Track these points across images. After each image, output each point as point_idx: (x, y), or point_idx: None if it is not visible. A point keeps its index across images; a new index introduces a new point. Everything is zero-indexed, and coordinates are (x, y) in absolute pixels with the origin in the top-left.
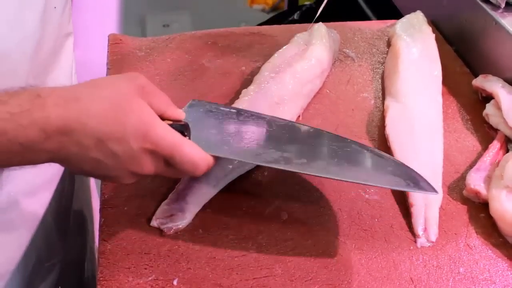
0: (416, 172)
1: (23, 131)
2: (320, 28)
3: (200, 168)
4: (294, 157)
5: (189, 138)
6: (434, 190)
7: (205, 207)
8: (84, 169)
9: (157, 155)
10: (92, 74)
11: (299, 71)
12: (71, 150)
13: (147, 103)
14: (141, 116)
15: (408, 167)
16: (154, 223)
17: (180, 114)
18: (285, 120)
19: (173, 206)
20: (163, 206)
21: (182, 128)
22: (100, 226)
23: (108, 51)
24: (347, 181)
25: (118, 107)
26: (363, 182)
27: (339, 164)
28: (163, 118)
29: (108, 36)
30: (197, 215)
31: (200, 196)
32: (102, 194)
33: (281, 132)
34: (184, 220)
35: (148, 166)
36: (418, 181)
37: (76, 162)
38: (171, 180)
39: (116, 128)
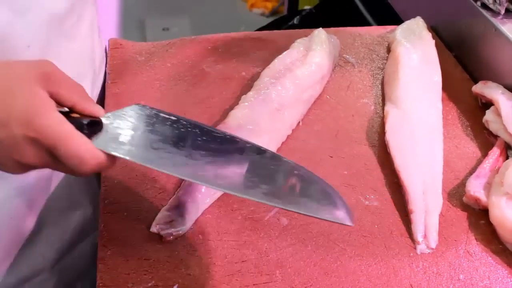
0: (339, 201)
1: None
2: (320, 33)
3: (87, 164)
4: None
5: (92, 135)
6: (351, 222)
7: (205, 213)
8: None
9: (40, 145)
10: None
11: (299, 76)
12: None
13: (50, 92)
14: (29, 102)
15: (333, 194)
16: (154, 229)
17: (94, 109)
18: (218, 131)
19: (173, 212)
20: (163, 212)
21: (90, 124)
22: (100, 231)
23: (108, 56)
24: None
25: (7, 90)
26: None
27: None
28: (74, 110)
29: (108, 41)
30: (197, 221)
31: (200, 202)
32: (101, 200)
33: (202, 141)
34: (184, 226)
35: (31, 156)
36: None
37: None
38: (171, 186)
39: (1, 112)
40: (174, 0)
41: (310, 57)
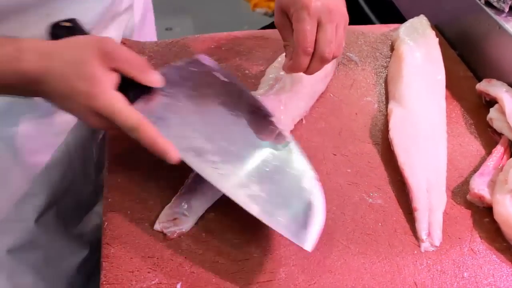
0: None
1: (5, 76)
2: None
3: (137, 132)
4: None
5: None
6: (306, 245)
7: (208, 211)
8: (59, 108)
9: (100, 116)
10: None
11: (302, 74)
12: (45, 96)
13: (111, 68)
14: (91, 83)
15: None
16: (158, 227)
17: (150, 80)
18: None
19: (176, 210)
20: (167, 210)
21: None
22: (104, 229)
23: None
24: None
25: (75, 72)
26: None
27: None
28: (136, 81)
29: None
30: (200, 218)
31: (204, 200)
32: (104, 198)
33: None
34: (187, 224)
35: (95, 122)
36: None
37: (52, 103)
38: (175, 184)
39: (70, 89)
40: (177, 0)
41: None
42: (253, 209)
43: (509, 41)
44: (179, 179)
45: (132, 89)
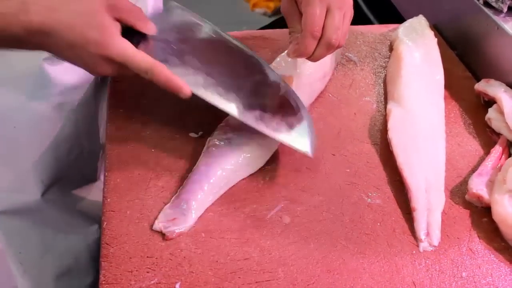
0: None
1: (10, 27)
2: None
3: (153, 72)
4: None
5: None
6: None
7: (207, 211)
8: (65, 59)
9: (113, 61)
10: None
11: (301, 74)
12: (50, 47)
13: (115, 18)
14: (101, 32)
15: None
16: (157, 226)
17: (147, 28)
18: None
19: (175, 210)
20: (166, 210)
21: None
22: (103, 229)
23: None
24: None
25: (84, 22)
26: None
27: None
28: (135, 28)
29: None
30: (199, 219)
31: (203, 200)
32: (104, 198)
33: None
34: (186, 224)
35: (107, 68)
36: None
37: (57, 54)
38: (174, 184)
39: (80, 39)
40: (176, 0)
41: None
42: (263, 129)
43: (507, 41)
44: (179, 179)
45: (134, 36)
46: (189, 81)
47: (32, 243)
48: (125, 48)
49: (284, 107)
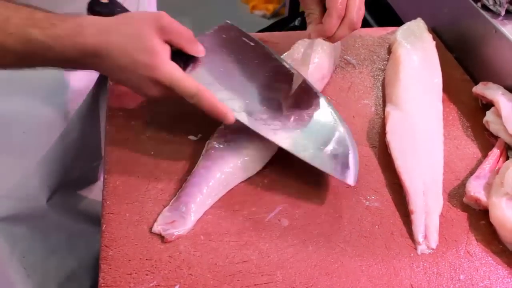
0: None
1: (65, 50)
2: None
3: (199, 97)
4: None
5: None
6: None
7: (206, 214)
8: (116, 81)
9: (161, 85)
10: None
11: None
12: (103, 69)
13: (165, 41)
14: (151, 55)
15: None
16: (156, 229)
17: (196, 51)
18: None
19: (174, 213)
20: (165, 213)
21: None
22: (102, 232)
23: None
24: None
25: (135, 45)
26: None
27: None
28: (185, 51)
29: None
30: (198, 221)
31: (202, 203)
32: (103, 200)
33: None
34: (185, 227)
35: (155, 91)
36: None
37: (109, 75)
38: (173, 187)
39: (131, 62)
40: (175, 2)
41: (310, 58)
42: (304, 156)
43: (505, 44)
44: (178, 182)
45: (182, 58)
46: (234, 106)
47: (36, 248)
48: (172, 72)
49: (334, 143)
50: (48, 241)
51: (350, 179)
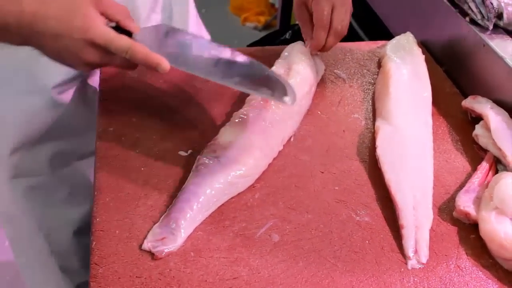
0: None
1: (3, 15)
2: (295, 46)
3: (132, 49)
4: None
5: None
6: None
7: (196, 230)
8: (49, 56)
9: (97, 46)
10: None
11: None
12: (38, 39)
13: (100, 11)
14: (85, 19)
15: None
16: (146, 246)
17: (131, 26)
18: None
19: (164, 229)
20: (155, 229)
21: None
22: (92, 249)
23: (100, 72)
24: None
25: (70, 13)
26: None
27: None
28: (118, 25)
29: None
30: (188, 238)
31: (192, 219)
32: (93, 217)
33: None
34: (175, 244)
35: (91, 54)
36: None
37: (43, 47)
38: (163, 203)
39: (66, 28)
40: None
41: (294, 71)
42: (241, 89)
43: (493, 58)
44: (168, 198)
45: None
46: (169, 58)
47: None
48: (107, 32)
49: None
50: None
51: (287, 99)
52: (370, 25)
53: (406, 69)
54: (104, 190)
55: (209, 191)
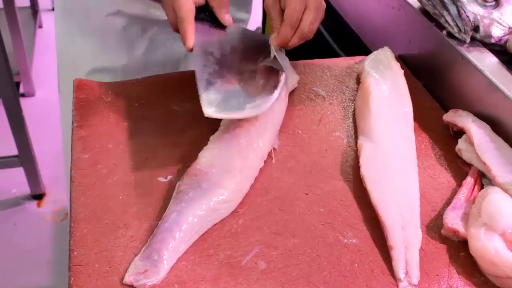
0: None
1: None
2: None
3: (183, 20)
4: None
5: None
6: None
7: (180, 260)
8: (162, 5)
9: (175, 12)
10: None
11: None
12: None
13: None
14: None
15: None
16: (127, 280)
17: (222, 17)
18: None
19: (146, 262)
20: (136, 262)
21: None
22: (70, 286)
23: (73, 97)
24: None
25: None
26: None
27: None
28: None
29: (73, 81)
30: (171, 269)
31: (175, 250)
32: (70, 251)
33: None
34: (158, 276)
35: (170, 14)
36: None
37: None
38: (144, 233)
39: None
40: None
41: None
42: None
43: (472, 71)
44: (148, 227)
45: (205, 16)
46: (200, 47)
47: None
48: (184, 4)
49: None
50: None
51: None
52: (345, 40)
53: (385, 85)
54: (80, 221)
55: (191, 219)
